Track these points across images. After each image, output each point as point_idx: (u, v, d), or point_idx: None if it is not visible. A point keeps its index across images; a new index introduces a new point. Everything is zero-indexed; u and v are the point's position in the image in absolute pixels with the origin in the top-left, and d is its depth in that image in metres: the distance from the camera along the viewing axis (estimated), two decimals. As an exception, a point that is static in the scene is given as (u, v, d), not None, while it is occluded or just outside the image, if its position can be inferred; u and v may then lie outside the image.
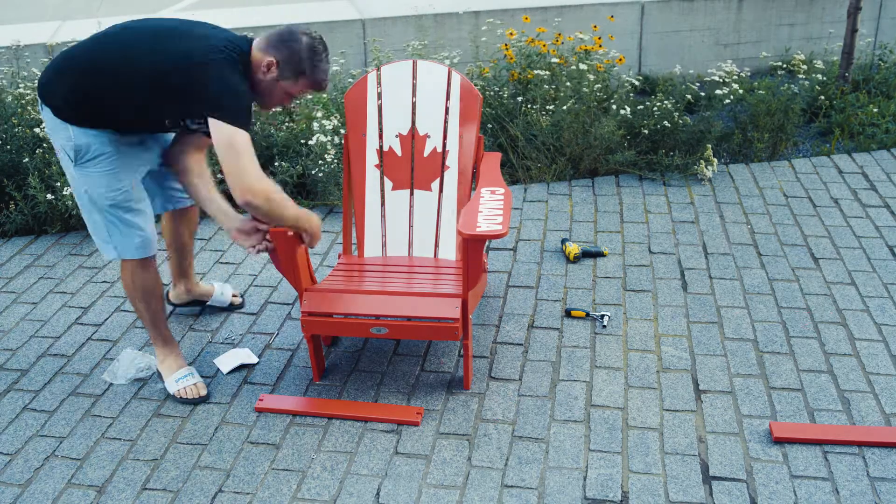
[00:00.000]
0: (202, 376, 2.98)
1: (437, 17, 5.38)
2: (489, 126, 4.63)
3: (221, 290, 3.37)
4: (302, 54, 2.56)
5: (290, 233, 2.66)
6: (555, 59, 4.68)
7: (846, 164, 4.50)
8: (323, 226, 4.02)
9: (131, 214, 2.69)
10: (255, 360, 3.07)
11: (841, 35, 5.91)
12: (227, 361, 3.05)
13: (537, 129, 4.42)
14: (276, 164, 4.18)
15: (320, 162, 4.10)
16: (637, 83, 4.77)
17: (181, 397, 2.86)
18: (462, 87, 3.16)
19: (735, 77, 4.83)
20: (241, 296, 3.46)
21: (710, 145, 4.38)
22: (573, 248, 3.63)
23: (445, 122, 3.17)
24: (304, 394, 2.90)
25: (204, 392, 2.88)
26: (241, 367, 3.04)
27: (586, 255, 3.67)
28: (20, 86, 4.49)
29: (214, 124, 2.45)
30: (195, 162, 2.73)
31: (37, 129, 4.00)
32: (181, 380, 2.89)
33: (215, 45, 2.50)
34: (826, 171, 4.43)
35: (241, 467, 2.58)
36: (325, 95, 4.62)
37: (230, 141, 2.44)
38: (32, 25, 5.52)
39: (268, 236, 2.70)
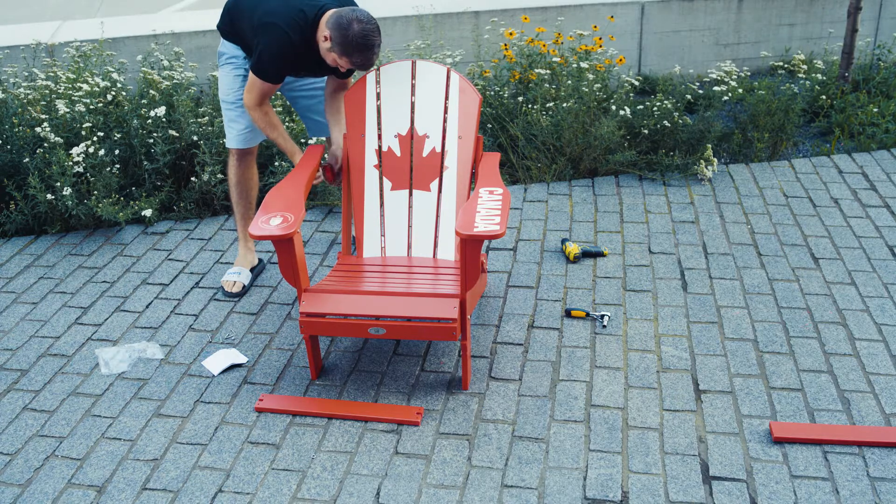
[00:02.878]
0: (199, 377, 2.99)
1: (437, 17, 5.38)
2: (489, 126, 4.63)
3: None
4: (349, 40, 2.92)
5: (289, 234, 2.66)
6: (556, 59, 4.68)
7: (846, 164, 4.50)
8: (322, 226, 4.03)
9: (237, 113, 3.36)
10: (243, 359, 3.07)
11: (841, 35, 5.91)
12: (215, 363, 3.05)
13: (537, 129, 4.42)
14: (277, 163, 4.18)
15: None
16: (637, 83, 4.77)
17: (223, 289, 3.50)
18: (461, 87, 3.16)
19: (734, 77, 4.83)
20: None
21: (710, 145, 4.38)
22: (573, 248, 3.63)
23: (444, 122, 3.17)
24: (304, 394, 2.90)
25: (237, 289, 3.48)
26: (235, 367, 3.04)
27: (586, 255, 3.67)
28: (21, 86, 4.49)
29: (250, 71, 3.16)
30: (333, 98, 3.37)
31: (37, 129, 4.00)
32: (230, 275, 3.52)
33: (287, 11, 3.03)
34: (826, 171, 4.43)
35: (241, 467, 2.58)
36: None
37: (252, 81, 3.16)
38: (32, 25, 5.52)
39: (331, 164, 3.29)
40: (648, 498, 2.43)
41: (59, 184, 3.86)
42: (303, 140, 4.26)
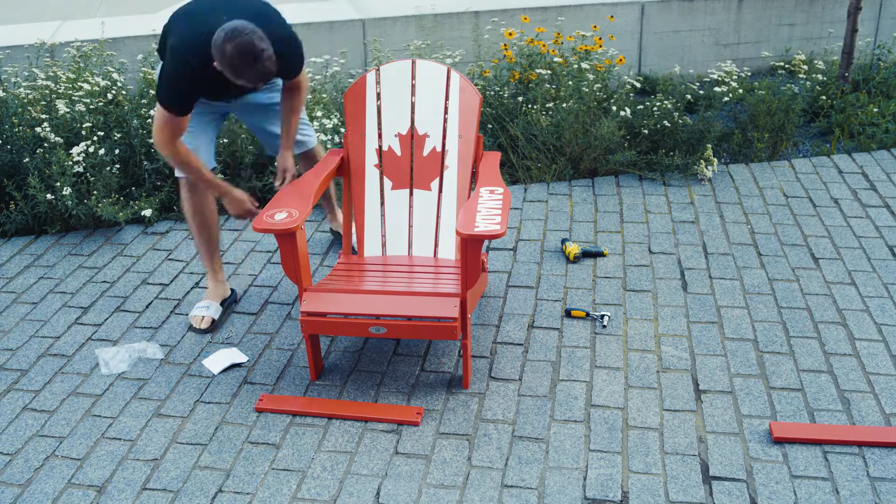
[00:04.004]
0: (199, 377, 2.99)
1: (437, 16, 5.38)
2: (489, 126, 4.63)
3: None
4: (229, 62, 2.72)
5: (293, 229, 2.66)
6: (557, 59, 4.68)
7: (846, 164, 4.50)
8: (323, 226, 4.02)
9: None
10: (244, 358, 3.07)
11: (841, 35, 5.91)
12: (216, 362, 3.05)
13: (537, 129, 4.42)
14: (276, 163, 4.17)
15: (320, 162, 4.10)
16: (637, 83, 4.78)
17: (190, 324, 3.29)
18: (461, 87, 3.16)
19: (735, 77, 4.83)
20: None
21: (710, 145, 4.38)
22: (573, 248, 3.63)
23: (444, 121, 3.17)
24: (304, 394, 2.90)
25: (206, 325, 3.24)
26: (235, 366, 3.04)
27: (586, 255, 3.67)
28: (21, 86, 4.49)
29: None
30: (286, 98, 3.20)
31: (37, 129, 4.00)
32: (198, 309, 3.28)
33: (193, 36, 2.83)
34: (826, 171, 4.43)
35: (241, 467, 2.58)
36: (324, 95, 4.63)
37: (159, 116, 2.92)
38: (32, 25, 5.52)
39: (287, 176, 3.23)
40: (648, 498, 2.43)
41: (59, 184, 3.86)
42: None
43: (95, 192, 3.96)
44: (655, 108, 4.51)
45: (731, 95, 4.60)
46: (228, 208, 3.17)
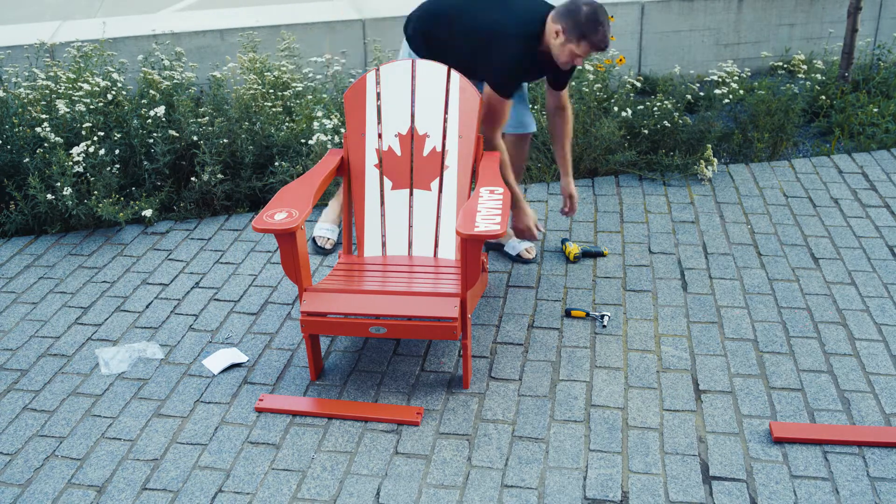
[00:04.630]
0: (199, 376, 2.99)
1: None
2: (489, 126, 4.62)
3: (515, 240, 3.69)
4: (583, 21, 2.98)
5: (292, 228, 2.66)
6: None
7: (846, 164, 4.50)
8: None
9: None
10: (244, 358, 3.07)
11: (841, 35, 5.91)
12: (216, 362, 3.05)
13: (537, 128, 4.41)
14: (277, 163, 4.18)
15: (320, 162, 4.10)
16: (637, 83, 4.78)
17: (314, 242, 3.73)
18: (461, 87, 3.16)
19: (735, 77, 4.83)
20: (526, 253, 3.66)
21: (710, 145, 4.38)
22: (573, 248, 3.63)
23: (445, 121, 3.17)
24: (304, 394, 2.90)
25: (329, 247, 3.73)
26: (235, 366, 3.04)
27: (586, 255, 3.67)
28: (22, 86, 4.49)
29: (486, 86, 3.15)
30: (558, 125, 3.49)
31: (37, 129, 4.00)
32: (323, 230, 3.73)
33: (521, 19, 3.09)
34: (826, 171, 4.43)
35: (241, 467, 2.58)
36: (324, 95, 4.63)
37: (492, 103, 3.14)
38: (32, 25, 5.52)
39: (572, 202, 3.53)
40: (648, 498, 2.43)
41: (59, 184, 3.86)
42: (303, 140, 4.26)
43: (95, 192, 3.96)
44: (655, 109, 4.51)
45: (731, 96, 4.60)
46: (515, 220, 3.39)
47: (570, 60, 3.09)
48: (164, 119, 4.23)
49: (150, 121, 4.19)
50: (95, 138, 4.06)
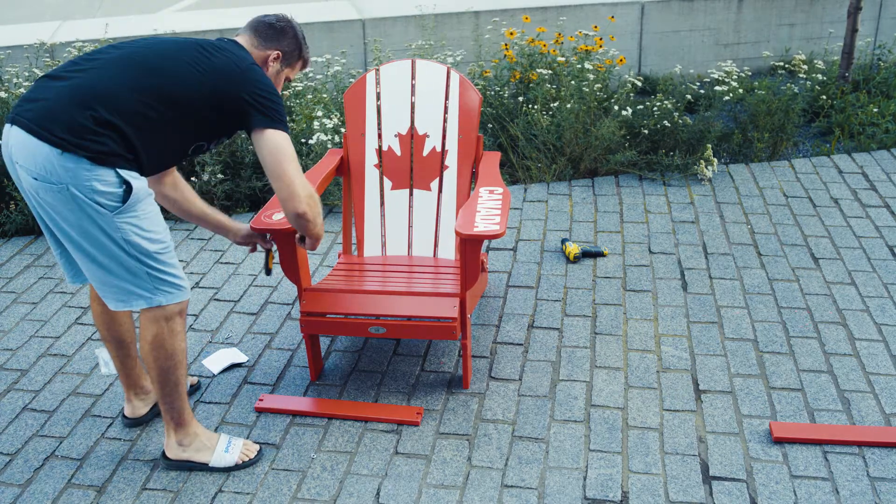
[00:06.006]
0: (199, 377, 2.99)
1: (438, 16, 5.38)
2: (489, 126, 4.63)
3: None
4: (298, 39, 2.57)
5: (292, 228, 2.66)
6: (560, 59, 4.68)
7: (846, 164, 4.50)
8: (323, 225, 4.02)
9: (169, 255, 2.36)
10: (244, 358, 3.07)
11: (841, 35, 5.91)
12: (216, 362, 3.05)
13: (538, 129, 4.42)
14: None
15: (320, 162, 4.10)
16: (638, 83, 4.78)
17: (244, 461, 2.57)
18: (461, 87, 3.16)
19: (735, 77, 4.83)
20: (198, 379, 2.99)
21: (710, 145, 4.38)
22: (573, 248, 3.63)
23: (444, 121, 3.17)
24: (304, 394, 2.90)
25: (256, 447, 2.62)
26: (235, 366, 3.04)
27: (586, 255, 3.67)
28: (22, 86, 4.49)
29: (263, 132, 2.31)
30: (169, 179, 2.61)
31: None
32: (229, 447, 2.57)
33: (240, 53, 2.41)
34: (826, 171, 4.43)
35: (240, 467, 2.58)
36: (324, 95, 4.63)
37: (278, 146, 2.32)
38: (32, 25, 5.52)
39: (269, 236, 2.75)
40: (648, 498, 2.43)
41: (59, 184, 3.86)
42: (303, 140, 4.26)
43: (95, 192, 3.96)
44: (655, 108, 4.51)
45: (731, 95, 4.60)
46: (314, 243, 2.57)
47: (279, 88, 2.51)
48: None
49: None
50: (95, 138, 4.06)
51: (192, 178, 4.13)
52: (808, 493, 2.43)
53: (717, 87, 4.62)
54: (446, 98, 3.17)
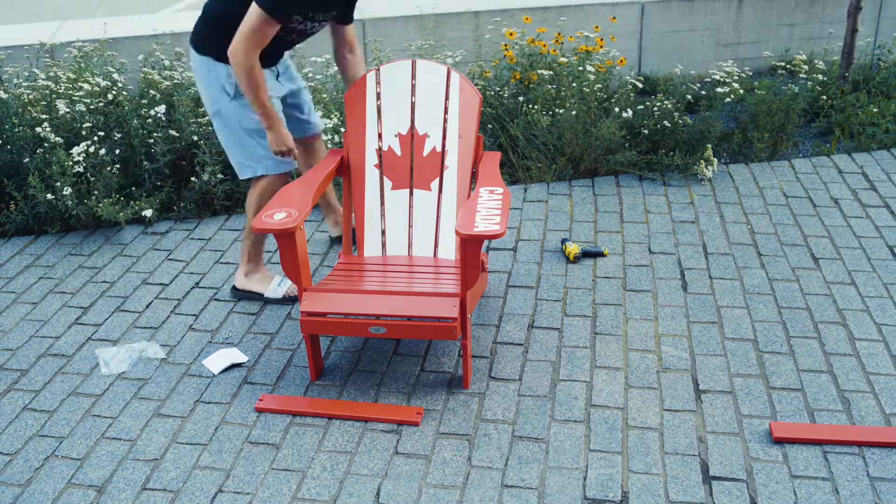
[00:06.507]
0: (199, 376, 2.99)
1: (438, 17, 5.38)
2: (489, 126, 4.63)
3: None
4: None
5: (292, 228, 2.66)
6: (561, 59, 4.68)
7: (846, 164, 4.50)
8: (323, 226, 4.02)
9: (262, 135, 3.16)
10: (244, 358, 3.07)
11: (841, 35, 5.91)
12: (216, 362, 3.06)
13: (538, 129, 4.42)
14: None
15: (320, 162, 4.10)
16: (638, 83, 4.78)
17: (288, 296, 3.40)
18: (461, 87, 3.16)
19: (735, 77, 4.83)
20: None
21: (710, 145, 4.38)
22: (573, 248, 3.63)
23: (445, 121, 3.17)
24: (304, 394, 2.90)
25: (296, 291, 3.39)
26: (235, 366, 3.04)
27: (586, 255, 3.67)
28: (22, 86, 4.49)
29: (253, 4, 2.87)
30: (343, 50, 3.37)
31: (38, 129, 4.00)
32: (280, 283, 3.41)
33: None
34: (826, 171, 4.43)
35: (241, 467, 2.58)
36: (324, 95, 4.63)
37: (249, 16, 2.87)
38: (32, 25, 5.52)
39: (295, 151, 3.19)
40: (648, 498, 2.43)
41: (59, 184, 3.86)
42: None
43: (95, 192, 3.96)
44: (656, 109, 4.51)
45: (731, 96, 4.60)
46: (271, 143, 3.14)
47: None
48: (164, 119, 4.23)
49: (150, 121, 4.19)
50: (95, 138, 4.06)
51: (193, 178, 4.14)
52: (808, 493, 2.43)
53: (718, 89, 4.62)
54: (446, 98, 3.17)
